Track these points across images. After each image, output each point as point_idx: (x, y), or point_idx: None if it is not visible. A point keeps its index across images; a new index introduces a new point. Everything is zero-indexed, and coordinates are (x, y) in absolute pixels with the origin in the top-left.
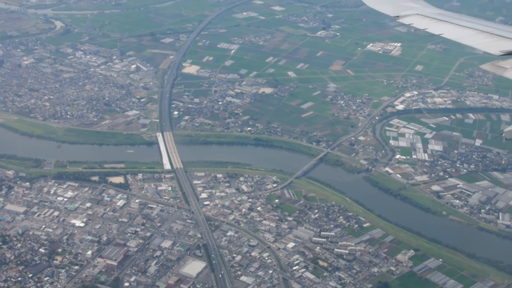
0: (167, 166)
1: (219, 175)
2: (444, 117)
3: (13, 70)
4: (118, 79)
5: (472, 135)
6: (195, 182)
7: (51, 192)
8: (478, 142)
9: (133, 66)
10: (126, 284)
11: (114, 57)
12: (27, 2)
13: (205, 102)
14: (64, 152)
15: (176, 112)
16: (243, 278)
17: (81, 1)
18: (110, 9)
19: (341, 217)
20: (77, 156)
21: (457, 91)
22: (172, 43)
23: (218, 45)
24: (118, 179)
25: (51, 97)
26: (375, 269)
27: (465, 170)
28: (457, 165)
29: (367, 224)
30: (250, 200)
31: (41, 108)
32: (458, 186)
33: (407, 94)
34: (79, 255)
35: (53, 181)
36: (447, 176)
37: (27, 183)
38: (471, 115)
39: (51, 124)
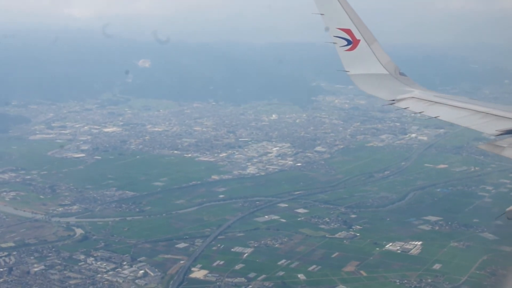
0: None
1: None
2: None
3: (20, 277)
4: (123, 284)
5: None
6: None
7: None
8: None
9: (141, 271)
10: None
11: (125, 262)
12: (53, 211)
13: None
14: None
15: None
16: None
17: (107, 209)
18: (133, 215)
19: None
20: None
21: None
22: (187, 248)
23: (232, 249)
24: None
25: None
26: None
27: None
28: None
29: None
30: None
31: None
32: None
33: None
34: None
35: None
36: None
37: None
38: None
39: None
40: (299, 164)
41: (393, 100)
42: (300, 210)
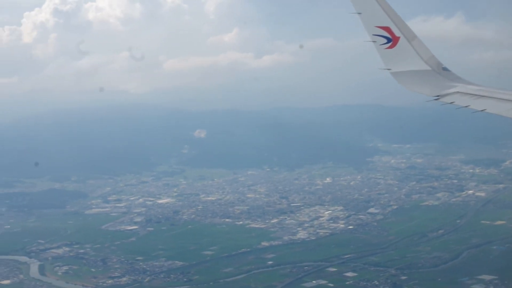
0: None
1: None
2: None
3: None
4: None
5: None
6: None
7: None
8: None
9: None
10: None
11: None
12: (103, 283)
13: None
14: None
15: None
16: None
17: (155, 279)
18: (181, 285)
19: None
20: None
21: None
22: None
23: None
24: None
25: None
26: None
27: None
28: None
29: None
30: None
31: None
32: None
33: None
34: None
35: None
36: None
37: None
38: None
39: None
40: (350, 227)
41: (438, 96)
42: (349, 274)
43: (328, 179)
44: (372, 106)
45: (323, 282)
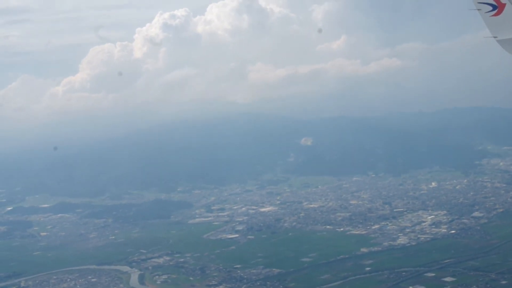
0: None
1: None
2: None
3: None
4: None
5: None
6: None
7: None
8: None
9: None
10: None
11: None
12: None
13: None
14: None
15: None
16: None
17: (251, 287)
18: None
19: None
20: None
21: None
22: None
23: None
24: None
25: None
26: None
27: None
28: None
29: None
30: None
31: None
32: None
33: None
34: None
35: None
36: None
37: None
38: None
39: None
40: (453, 231)
41: None
42: (447, 279)
43: (433, 183)
44: (485, 109)
45: (420, 287)
